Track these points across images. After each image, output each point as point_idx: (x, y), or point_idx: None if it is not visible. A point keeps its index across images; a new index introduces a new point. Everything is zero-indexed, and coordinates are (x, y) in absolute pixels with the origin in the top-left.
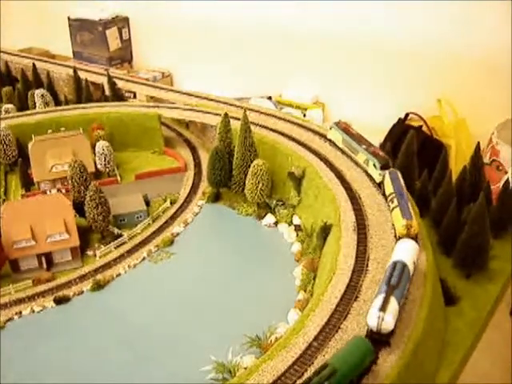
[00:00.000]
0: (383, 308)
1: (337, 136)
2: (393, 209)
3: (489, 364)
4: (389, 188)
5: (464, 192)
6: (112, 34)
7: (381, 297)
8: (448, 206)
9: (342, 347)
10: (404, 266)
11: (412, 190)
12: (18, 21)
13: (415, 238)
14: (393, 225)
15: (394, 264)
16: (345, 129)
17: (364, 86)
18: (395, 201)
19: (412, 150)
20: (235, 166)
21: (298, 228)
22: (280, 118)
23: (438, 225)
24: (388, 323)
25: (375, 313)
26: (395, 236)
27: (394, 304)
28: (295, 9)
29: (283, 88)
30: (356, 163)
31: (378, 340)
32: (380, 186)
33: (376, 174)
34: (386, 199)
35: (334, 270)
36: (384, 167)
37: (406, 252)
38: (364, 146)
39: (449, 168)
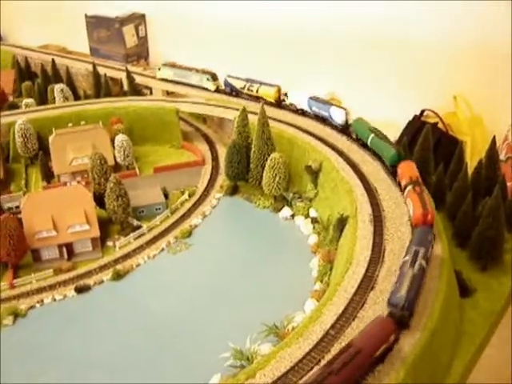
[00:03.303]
0: (343, 108)
1: (167, 73)
2: (257, 89)
3: (500, 360)
4: (238, 83)
5: (479, 186)
6: (128, 31)
7: (337, 110)
8: (463, 200)
9: None
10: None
11: (428, 183)
12: (34, 18)
13: None
14: (262, 99)
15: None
16: (172, 65)
17: (380, 83)
18: (254, 85)
19: (428, 144)
20: (252, 160)
21: (314, 220)
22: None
23: (453, 218)
24: (349, 113)
25: (341, 112)
26: (268, 102)
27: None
28: (312, 7)
29: (300, 85)
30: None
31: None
32: (218, 91)
33: (210, 85)
34: (240, 93)
35: (351, 261)
36: (214, 78)
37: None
38: (194, 71)
39: (465, 162)
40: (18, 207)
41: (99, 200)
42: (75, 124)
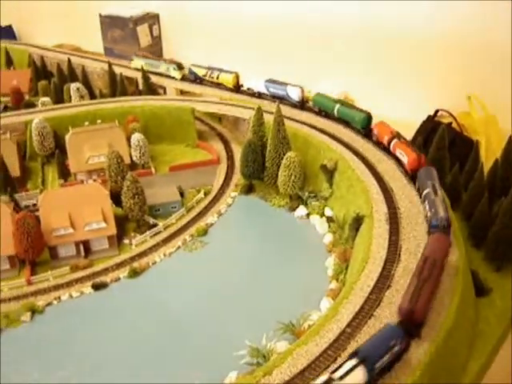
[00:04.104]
0: (298, 86)
1: (139, 63)
2: (217, 76)
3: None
4: (200, 71)
5: (495, 186)
6: (142, 30)
7: (293, 88)
8: (479, 200)
9: None
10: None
11: (443, 183)
12: (48, 18)
13: None
14: (222, 85)
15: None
16: (144, 56)
17: (394, 83)
18: (215, 72)
19: (443, 144)
20: (268, 159)
21: (329, 219)
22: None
23: (468, 218)
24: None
25: (297, 89)
26: (231, 89)
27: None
28: (325, 6)
29: (313, 85)
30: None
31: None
32: (183, 79)
33: (176, 74)
34: (203, 79)
35: (367, 260)
36: (180, 68)
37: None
38: (162, 61)
39: (480, 162)
40: (35, 205)
41: (116, 198)
42: (91, 123)
